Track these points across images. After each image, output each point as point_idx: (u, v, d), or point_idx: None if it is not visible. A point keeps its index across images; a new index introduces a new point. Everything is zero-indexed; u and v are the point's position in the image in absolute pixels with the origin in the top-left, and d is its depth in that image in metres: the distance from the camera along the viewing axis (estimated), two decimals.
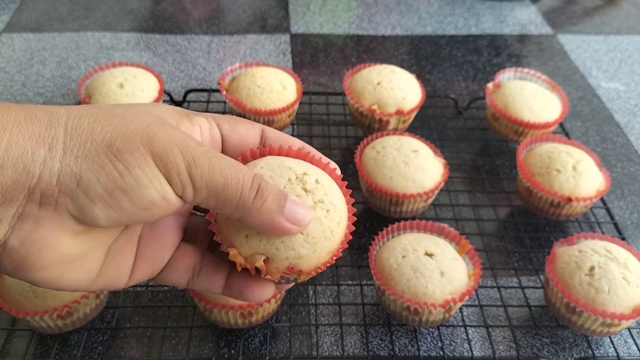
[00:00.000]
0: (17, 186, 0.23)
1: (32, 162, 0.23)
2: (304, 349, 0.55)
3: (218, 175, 0.25)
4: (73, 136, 0.24)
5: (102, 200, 0.24)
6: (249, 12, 1.12)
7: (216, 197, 0.25)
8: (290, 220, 0.27)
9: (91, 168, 0.24)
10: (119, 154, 0.24)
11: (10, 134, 0.23)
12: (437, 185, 0.64)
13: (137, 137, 0.24)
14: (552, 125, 0.76)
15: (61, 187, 0.23)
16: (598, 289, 0.52)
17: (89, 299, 0.51)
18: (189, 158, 0.25)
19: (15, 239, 0.24)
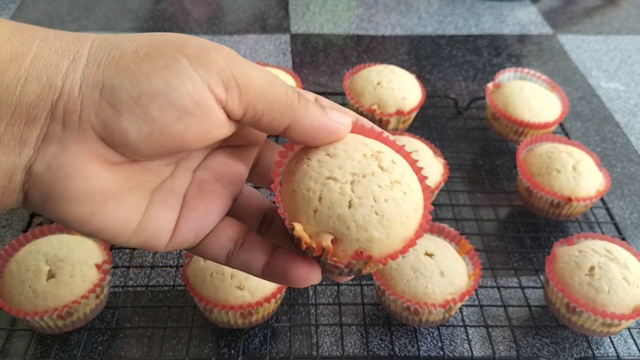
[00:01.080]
0: (40, 101, 0.22)
1: (55, 74, 0.22)
2: (304, 349, 0.55)
3: (260, 75, 0.24)
4: (99, 48, 0.23)
5: (127, 109, 0.22)
6: (249, 12, 1.12)
7: (264, 96, 0.24)
8: (335, 121, 0.26)
9: (114, 74, 0.22)
10: (146, 58, 0.22)
11: (37, 47, 0.22)
12: (437, 185, 0.64)
13: (166, 43, 0.23)
14: (552, 125, 0.76)
15: (83, 99, 0.22)
16: (598, 289, 0.52)
17: (88, 299, 0.51)
18: (229, 57, 0.23)
19: (40, 164, 0.22)
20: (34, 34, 0.23)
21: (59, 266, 0.51)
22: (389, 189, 0.25)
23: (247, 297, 0.51)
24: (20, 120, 0.22)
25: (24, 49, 0.22)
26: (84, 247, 0.54)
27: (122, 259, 0.62)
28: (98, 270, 0.53)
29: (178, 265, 0.61)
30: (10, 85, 0.22)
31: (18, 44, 0.22)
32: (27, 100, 0.22)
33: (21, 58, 0.22)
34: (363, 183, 0.25)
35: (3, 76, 0.22)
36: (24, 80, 0.22)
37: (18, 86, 0.22)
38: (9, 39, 0.22)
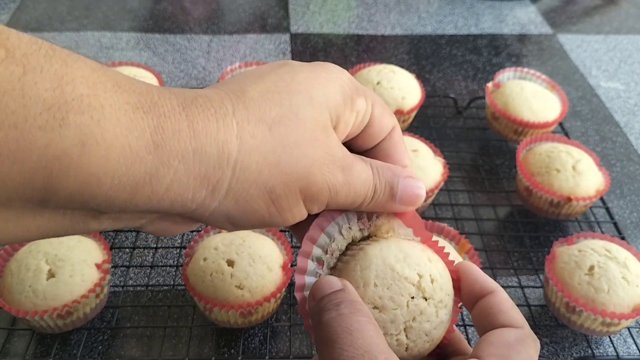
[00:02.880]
0: (169, 212, 0.24)
1: (191, 201, 0.23)
2: (304, 349, 0.55)
3: (350, 197, 0.27)
4: (239, 180, 0.24)
5: (242, 228, 0.26)
6: (249, 11, 1.12)
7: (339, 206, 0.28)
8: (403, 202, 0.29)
9: (246, 211, 0.25)
10: (276, 200, 0.25)
11: (175, 172, 0.22)
12: (437, 185, 0.64)
13: (297, 183, 0.25)
14: (551, 124, 0.76)
15: (210, 218, 0.25)
16: (598, 288, 0.52)
17: (88, 298, 0.51)
18: (333, 193, 0.26)
19: (150, 227, 0.26)
20: (170, 151, 0.21)
21: (59, 266, 0.51)
22: (435, 316, 0.27)
23: (247, 297, 0.51)
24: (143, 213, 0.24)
25: (160, 172, 0.21)
26: (84, 246, 0.54)
27: (122, 258, 0.62)
28: (98, 270, 0.53)
29: (178, 265, 0.61)
30: (140, 204, 0.22)
31: (154, 164, 0.21)
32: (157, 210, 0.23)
33: (157, 182, 0.21)
34: (414, 328, 0.27)
35: (134, 196, 0.21)
36: (156, 202, 0.22)
37: (148, 205, 0.22)
38: (144, 157, 0.21)
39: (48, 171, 0.19)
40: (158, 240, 0.64)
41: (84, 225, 0.23)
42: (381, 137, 0.30)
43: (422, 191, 0.29)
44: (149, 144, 0.21)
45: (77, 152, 0.19)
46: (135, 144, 0.21)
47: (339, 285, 0.26)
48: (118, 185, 0.21)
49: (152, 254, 0.63)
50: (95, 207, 0.21)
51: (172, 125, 0.22)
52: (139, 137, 0.21)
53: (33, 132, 0.18)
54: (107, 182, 0.20)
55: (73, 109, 0.19)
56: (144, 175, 0.21)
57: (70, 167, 0.19)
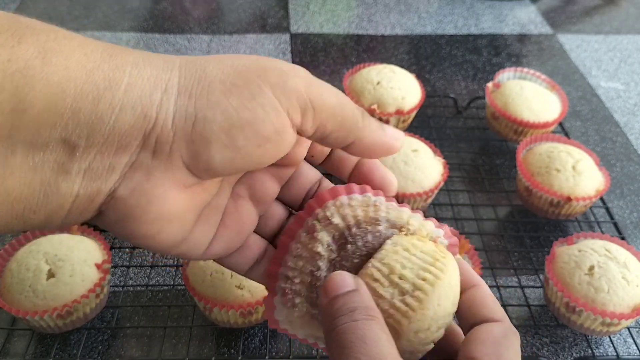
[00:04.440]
0: (134, 131, 0.22)
1: (149, 104, 0.22)
2: (304, 349, 0.55)
3: (333, 96, 0.25)
4: (187, 76, 0.23)
5: (217, 140, 0.23)
6: (249, 11, 1.12)
7: (334, 116, 0.25)
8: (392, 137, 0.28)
9: (206, 106, 0.23)
10: (233, 88, 0.23)
11: (129, 75, 0.22)
12: (437, 185, 0.64)
13: (249, 70, 0.24)
14: (551, 124, 0.76)
15: (176, 131, 0.23)
16: (598, 288, 0.52)
17: (88, 298, 0.51)
18: (306, 81, 0.24)
19: (124, 189, 0.23)
20: (122, 59, 0.23)
21: (59, 265, 0.51)
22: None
23: (247, 297, 0.51)
24: (110, 149, 0.22)
25: (116, 76, 0.22)
26: (84, 246, 0.54)
27: (122, 258, 0.62)
28: (98, 270, 0.53)
29: (178, 265, 0.61)
30: (104, 115, 0.22)
31: (110, 69, 0.22)
32: (120, 130, 0.22)
33: (115, 86, 0.22)
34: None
35: (98, 104, 0.21)
36: (119, 110, 0.22)
37: (112, 116, 0.22)
38: (100, 64, 0.22)
39: (14, 85, 0.20)
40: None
41: (56, 187, 0.22)
42: None
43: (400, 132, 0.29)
44: (104, 55, 0.22)
45: (39, 63, 0.20)
46: (91, 54, 0.22)
47: (352, 285, 0.25)
48: (81, 93, 0.21)
49: (152, 254, 0.63)
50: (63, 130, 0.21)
51: (120, 47, 0.23)
52: (93, 50, 0.22)
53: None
54: (70, 90, 0.21)
55: (29, 30, 0.21)
56: (103, 80, 0.22)
57: (35, 79, 0.20)
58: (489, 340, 0.26)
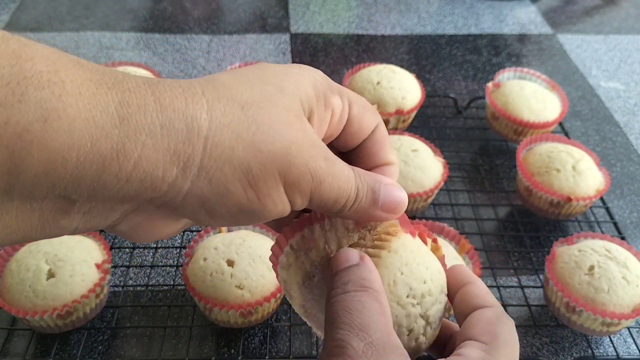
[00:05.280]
0: (139, 196, 0.22)
1: (161, 180, 0.22)
2: (304, 349, 0.55)
3: (334, 193, 0.25)
4: (212, 157, 0.22)
5: (221, 218, 0.24)
6: (249, 11, 1.12)
7: (323, 208, 0.26)
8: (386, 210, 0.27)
9: (221, 193, 0.23)
10: (253, 182, 0.23)
11: (142, 147, 0.21)
12: (437, 185, 0.64)
13: (275, 164, 0.23)
14: (551, 124, 0.76)
15: (184, 204, 0.23)
16: (598, 288, 0.52)
17: (88, 298, 0.51)
18: (317, 182, 0.25)
19: (124, 226, 0.24)
20: (137, 124, 0.20)
21: (59, 266, 0.51)
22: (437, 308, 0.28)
23: (247, 297, 0.51)
24: (113, 202, 0.23)
25: (127, 148, 0.20)
26: (84, 246, 0.54)
27: (122, 258, 0.62)
28: (98, 270, 0.53)
29: (178, 265, 0.61)
30: (108, 184, 0.21)
31: (120, 138, 0.20)
32: (125, 195, 0.22)
33: (124, 158, 0.20)
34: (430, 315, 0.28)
35: (102, 175, 0.20)
36: (125, 182, 0.21)
37: (117, 185, 0.21)
38: (110, 132, 0.20)
39: (10, 151, 0.19)
40: (158, 240, 0.64)
41: (55, 223, 0.22)
42: (363, 136, 0.29)
43: (404, 197, 0.28)
44: (114, 118, 0.20)
45: (39, 128, 0.19)
46: (100, 118, 0.20)
47: (355, 260, 0.26)
48: (84, 162, 0.20)
49: (152, 253, 0.63)
50: (63, 192, 0.20)
51: (137, 99, 0.21)
52: (103, 111, 0.20)
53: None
54: (72, 159, 0.20)
55: (32, 84, 0.19)
56: (111, 150, 0.20)
57: (33, 144, 0.19)
58: (482, 321, 0.26)
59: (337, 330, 0.23)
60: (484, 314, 0.27)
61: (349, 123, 0.28)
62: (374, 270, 0.26)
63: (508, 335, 0.26)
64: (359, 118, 0.28)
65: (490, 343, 0.25)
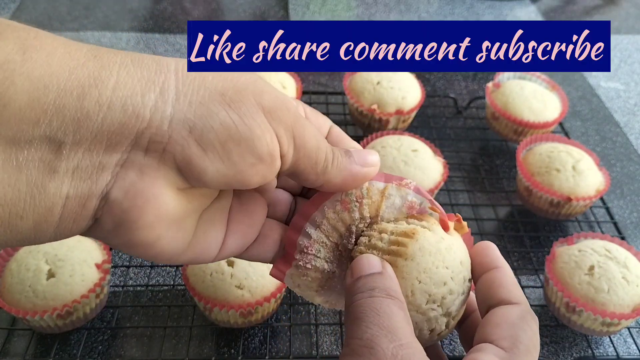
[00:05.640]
0: (124, 130, 0.22)
1: (141, 105, 0.22)
2: (304, 349, 0.55)
3: (313, 137, 0.26)
4: (185, 82, 0.23)
5: (213, 150, 0.23)
6: (249, 11, 1.12)
7: (309, 158, 0.26)
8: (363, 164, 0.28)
9: (205, 115, 0.23)
10: (232, 103, 0.23)
11: (117, 74, 0.22)
12: (437, 185, 0.64)
13: (247, 89, 0.24)
14: (551, 124, 0.76)
15: (172, 133, 0.22)
16: (598, 288, 0.52)
17: (88, 298, 0.51)
18: (294, 117, 0.25)
19: (118, 190, 0.22)
20: (109, 59, 0.22)
21: (59, 265, 0.51)
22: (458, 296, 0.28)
23: (247, 297, 0.51)
24: (99, 147, 0.22)
25: (103, 75, 0.21)
26: (84, 246, 0.54)
27: (122, 258, 0.62)
28: (98, 270, 0.53)
29: (178, 265, 0.61)
30: (91, 112, 0.21)
31: (95, 68, 0.21)
32: (109, 127, 0.21)
33: (102, 84, 0.21)
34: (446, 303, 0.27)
35: (83, 101, 0.21)
36: (107, 108, 0.21)
37: (100, 113, 0.21)
38: (85, 62, 0.21)
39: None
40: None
41: (43, 188, 0.21)
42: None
43: (374, 152, 0.28)
44: (88, 55, 0.22)
45: (19, 59, 0.20)
46: (75, 53, 0.21)
47: (378, 268, 0.26)
48: (64, 90, 0.21)
49: None
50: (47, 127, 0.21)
51: (106, 49, 0.23)
52: (77, 49, 0.22)
53: None
54: (53, 86, 0.20)
55: (9, 28, 0.21)
56: (88, 78, 0.21)
57: (15, 73, 0.20)
58: (504, 322, 0.25)
59: (366, 329, 0.23)
60: (508, 313, 0.26)
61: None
62: (396, 280, 0.26)
63: (529, 341, 0.25)
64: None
65: (510, 350, 0.24)
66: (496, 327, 0.25)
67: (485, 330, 0.25)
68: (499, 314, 0.26)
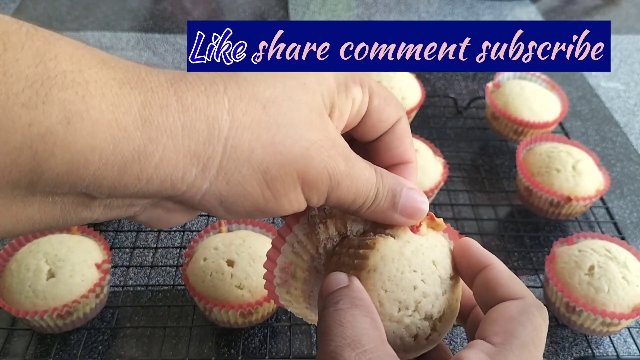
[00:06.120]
0: (159, 194, 0.23)
1: (181, 181, 0.22)
2: (304, 349, 0.55)
3: (352, 194, 0.26)
4: (231, 158, 0.23)
5: (237, 215, 0.25)
6: (249, 11, 1.12)
7: (340, 207, 0.27)
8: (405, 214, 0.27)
9: (240, 193, 0.23)
10: (271, 182, 0.24)
11: (164, 149, 0.21)
12: (437, 185, 0.64)
13: (293, 165, 0.24)
14: (551, 124, 0.76)
15: (202, 202, 0.24)
16: (598, 288, 0.52)
17: (88, 298, 0.51)
18: (334, 183, 0.25)
19: (143, 217, 0.25)
20: (159, 125, 0.21)
21: (59, 266, 0.51)
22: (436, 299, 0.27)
23: (247, 297, 0.51)
24: (133, 198, 0.23)
25: (148, 150, 0.21)
26: (84, 246, 0.54)
27: (122, 258, 0.62)
28: (98, 270, 0.53)
29: (178, 265, 0.61)
30: (129, 185, 0.21)
31: (142, 140, 0.20)
32: (145, 194, 0.22)
33: (145, 160, 0.21)
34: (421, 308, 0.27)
35: (123, 176, 0.21)
36: (145, 182, 0.21)
37: (138, 185, 0.21)
38: (132, 133, 0.20)
39: (33, 151, 0.19)
40: (158, 240, 0.64)
41: (76, 215, 0.22)
42: (382, 129, 0.29)
43: (425, 205, 0.28)
44: (137, 120, 0.20)
45: (62, 130, 0.19)
46: (123, 119, 0.20)
47: (345, 282, 0.26)
48: (106, 164, 0.20)
49: (152, 254, 0.63)
50: (84, 190, 0.21)
51: (159, 100, 0.21)
52: (125, 112, 0.20)
53: (16, 109, 0.18)
54: (94, 161, 0.20)
55: (57, 84, 0.19)
56: (132, 152, 0.20)
57: (55, 146, 0.19)
58: (501, 319, 0.25)
59: (330, 342, 0.23)
60: (507, 309, 0.25)
61: (368, 115, 0.28)
62: (364, 290, 0.26)
63: (527, 336, 0.24)
64: (379, 110, 0.28)
65: (501, 346, 0.23)
66: (492, 323, 0.25)
67: (482, 327, 0.25)
68: (498, 310, 0.25)
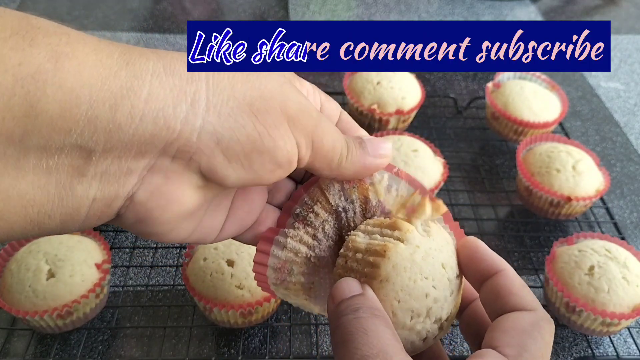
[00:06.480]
0: (155, 140, 0.22)
1: (173, 117, 0.22)
2: (304, 349, 0.55)
3: (330, 139, 0.27)
4: (215, 92, 0.23)
5: (237, 160, 0.24)
6: (249, 11, 1.12)
7: (324, 157, 0.27)
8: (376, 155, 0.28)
9: (233, 127, 0.23)
10: (259, 114, 0.24)
11: (150, 85, 0.22)
12: (437, 185, 0.64)
13: (274, 98, 0.24)
14: (551, 124, 0.76)
15: (200, 144, 0.23)
16: (598, 288, 0.52)
17: (88, 298, 0.51)
18: (315, 122, 0.26)
19: (143, 192, 0.24)
20: (141, 66, 0.22)
21: (59, 266, 0.51)
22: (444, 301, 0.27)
23: (247, 297, 0.51)
24: (128, 154, 0.22)
25: (135, 85, 0.21)
26: (84, 246, 0.54)
27: (122, 258, 0.62)
28: (98, 270, 0.53)
29: (178, 265, 0.61)
30: (123, 124, 0.21)
31: (127, 77, 0.21)
32: (140, 138, 0.22)
33: (134, 95, 0.21)
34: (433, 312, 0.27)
35: (115, 113, 0.21)
36: (139, 120, 0.21)
37: (132, 125, 0.21)
38: (117, 72, 0.21)
39: (25, 91, 0.19)
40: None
41: (71, 191, 0.22)
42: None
43: (387, 142, 0.29)
44: (120, 62, 0.21)
45: (51, 68, 0.20)
46: (106, 61, 0.21)
47: (358, 290, 0.26)
48: (97, 100, 0.21)
49: (152, 253, 0.63)
50: (79, 136, 0.21)
51: (137, 50, 0.22)
52: (108, 56, 0.21)
53: (5, 52, 0.19)
54: (85, 97, 0.20)
55: (41, 32, 0.20)
56: (121, 88, 0.21)
57: (47, 84, 0.20)
58: (513, 329, 0.24)
59: (355, 351, 0.23)
60: (519, 320, 0.25)
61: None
62: (378, 301, 0.26)
63: (538, 352, 0.24)
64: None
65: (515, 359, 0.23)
66: (504, 333, 0.24)
67: (493, 336, 0.25)
68: (510, 320, 0.25)
